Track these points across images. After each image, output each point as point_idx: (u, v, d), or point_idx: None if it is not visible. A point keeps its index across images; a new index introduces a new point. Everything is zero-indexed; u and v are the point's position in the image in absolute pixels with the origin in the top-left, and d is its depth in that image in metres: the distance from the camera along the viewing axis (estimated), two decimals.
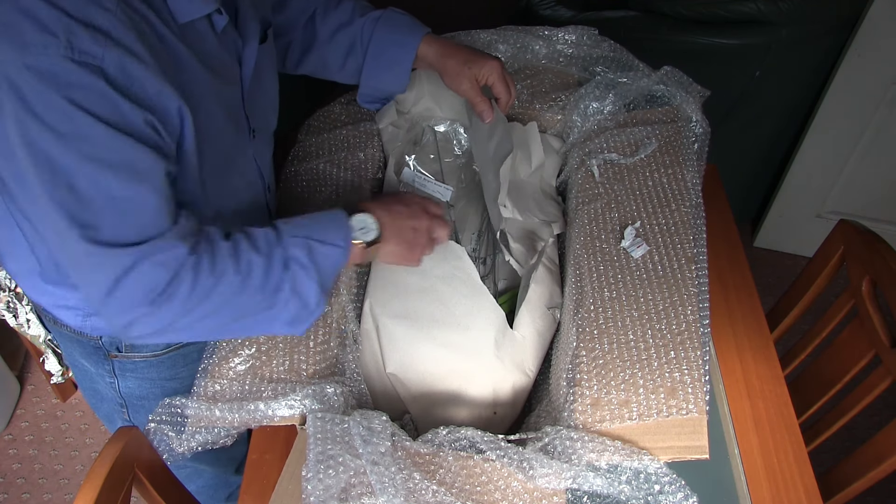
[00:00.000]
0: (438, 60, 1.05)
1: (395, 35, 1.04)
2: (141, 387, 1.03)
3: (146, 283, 0.71)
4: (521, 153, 1.14)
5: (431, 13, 1.45)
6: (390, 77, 1.07)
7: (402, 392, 0.92)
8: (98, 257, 0.70)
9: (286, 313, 0.79)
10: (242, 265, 0.76)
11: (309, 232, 0.80)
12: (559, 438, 0.78)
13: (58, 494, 1.79)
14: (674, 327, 0.86)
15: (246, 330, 0.82)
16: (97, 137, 0.66)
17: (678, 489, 0.74)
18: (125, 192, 0.69)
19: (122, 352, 0.98)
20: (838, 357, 1.20)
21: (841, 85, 1.93)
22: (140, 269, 0.71)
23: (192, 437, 0.84)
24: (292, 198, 1.05)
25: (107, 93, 0.65)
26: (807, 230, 2.26)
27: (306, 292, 0.79)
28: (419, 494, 0.73)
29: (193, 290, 0.73)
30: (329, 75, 1.10)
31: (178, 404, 0.85)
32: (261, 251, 0.77)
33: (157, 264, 0.71)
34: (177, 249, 0.72)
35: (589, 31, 1.23)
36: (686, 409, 0.79)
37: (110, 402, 1.08)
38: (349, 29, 1.05)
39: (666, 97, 1.15)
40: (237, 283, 0.75)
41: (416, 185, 1.11)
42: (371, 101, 1.13)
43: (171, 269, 0.72)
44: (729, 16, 1.79)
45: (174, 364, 1.02)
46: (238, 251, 0.77)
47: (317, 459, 0.74)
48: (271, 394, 0.84)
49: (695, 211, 0.99)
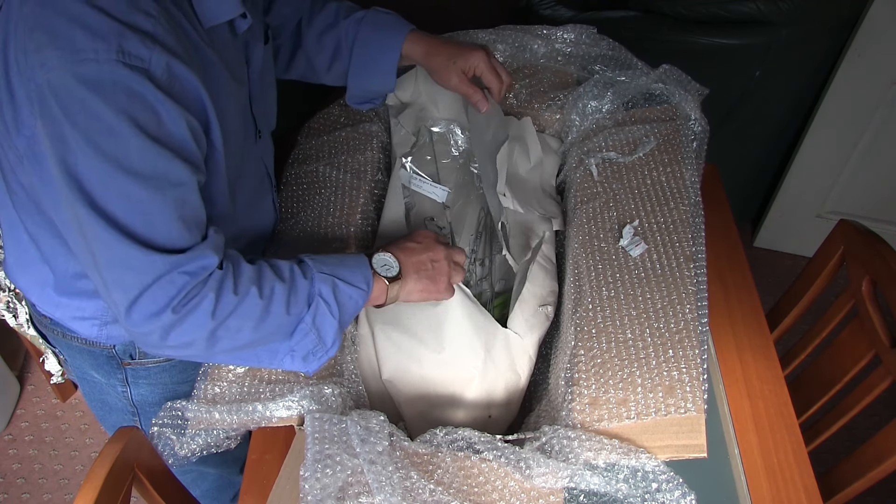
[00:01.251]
0: (424, 59, 1.06)
1: (378, 35, 1.05)
2: (153, 393, 1.03)
3: (173, 290, 0.71)
4: (518, 148, 1.14)
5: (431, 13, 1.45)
6: (376, 77, 1.08)
7: (398, 397, 0.92)
8: (134, 261, 0.70)
9: (303, 347, 0.80)
10: (265, 290, 0.76)
11: (335, 271, 0.81)
12: (556, 438, 0.78)
13: (58, 494, 1.79)
14: (672, 326, 0.86)
15: (262, 358, 0.82)
16: (135, 149, 0.67)
17: (675, 487, 0.74)
18: (156, 203, 0.69)
19: (135, 359, 0.98)
20: (838, 357, 1.20)
21: (841, 85, 1.93)
22: (170, 277, 0.71)
23: (192, 440, 0.85)
24: (293, 200, 1.06)
25: (151, 98, 0.66)
26: (807, 230, 2.26)
27: (326, 328, 0.80)
28: (416, 493, 0.74)
29: (217, 306, 0.73)
30: (317, 79, 1.11)
31: (180, 407, 0.85)
32: (285, 280, 0.78)
33: (185, 273, 0.71)
34: (206, 260, 0.73)
35: (587, 30, 1.23)
36: (684, 407, 0.79)
37: (120, 413, 1.07)
38: (334, 31, 1.05)
39: (665, 95, 1.15)
40: (261, 307, 0.76)
41: (412, 186, 1.11)
42: (360, 102, 1.13)
43: (199, 279, 0.72)
44: (729, 16, 1.79)
45: (186, 368, 1.02)
46: (262, 276, 0.77)
47: (314, 459, 0.74)
48: (269, 395, 0.84)
49: (693, 209, 0.99)
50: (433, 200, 1.10)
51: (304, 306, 0.79)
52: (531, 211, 1.06)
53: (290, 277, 0.78)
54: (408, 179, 1.11)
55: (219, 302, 0.73)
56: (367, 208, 1.05)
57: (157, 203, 0.69)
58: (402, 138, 1.14)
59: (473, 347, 0.91)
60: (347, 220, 1.02)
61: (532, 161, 1.14)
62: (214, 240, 0.75)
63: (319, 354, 0.81)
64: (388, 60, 1.06)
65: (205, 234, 0.75)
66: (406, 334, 0.93)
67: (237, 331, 0.76)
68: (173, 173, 0.70)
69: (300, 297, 0.78)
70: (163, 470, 0.99)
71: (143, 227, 0.69)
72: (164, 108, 0.67)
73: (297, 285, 0.78)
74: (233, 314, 0.74)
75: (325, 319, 0.80)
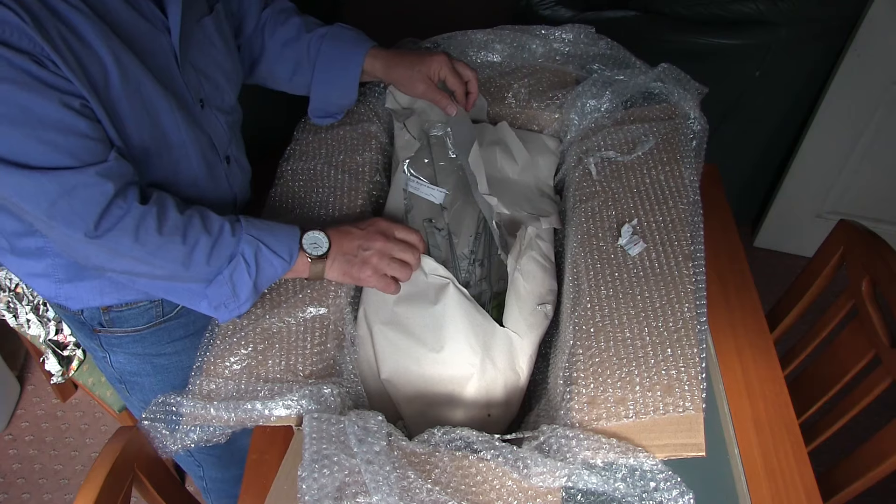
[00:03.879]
0: (387, 72, 1.07)
1: (340, 50, 1.07)
2: (131, 362, 1.08)
3: (78, 206, 0.77)
4: (501, 152, 1.14)
5: (431, 14, 1.46)
6: (338, 91, 1.10)
7: (396, 397, 0.92)
8: (28, 185, 0.75)
9: (218, 296, 0.88)
10: (190, 239, 0.84)
11: (262, 236, 0.88)
12: (555, 437, 0.77)
13: (58, 494, 1.79)
14: (671, 325, 0.86)
15: (182, 296, 0.89)
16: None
17: (673, 486, 0.74)
18: (20, 130, 0.72)
19: (104, 326, 1.02)
20: (838, 357, 1.20)
21: (841, 85, 1.93)
22: (67, 198, 0.76)
23: (186, 436, 0.85)
24: (289, 196, 1.05)
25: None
26: (807, 230, 2.26)
27: (241, 285, 0.88)
28: (413, 493, 0.73)
29: (139, 234, 0.80)
30: (278, 87, 1.13)
31: (173, 402, 0.85)
32: (211, 234, 0.85)
33: (90, 188, 0.77)
34: (102, 186, 0.77)
35: (585, 30, 1.23)
36: (683, 406, 0.79)
37: (111, 379, 1.13)
38: (296, 45, 1.08)
39: (663, 94, 1.14)
40: (183, 252, 0.84)
41: (409, 188, 1.11)
42: (322, 116, 1.14)
43: (101, 198, 0.77)
44: (729, 16, 1.79)
45: (159, 340, 1.06)
46: (189, 225, 0.84)
47: (312, 459, 0.74)
48: (268, 394, 0.84)
49: (692, 208, 0.99)
50: (431, 202, 1.10)
51: (225, 261, 0.86)
52: (519, 211, 1.07)
53: (217, 232, 0.86)
54: (405, 182, 1.11)
55: (139, 230, 0.80)
56: (366, 210, 1.05)
57: (23, 131, 0.72)
58: (406, 143, 1.14)
59: (471, 346, 0.91)
60: (345, 221, 1.02)
61: (520, 163, 1.14)
62: (111, 167, 0.78)
63: (232, 307, 0.89)
64: (349, 75, 1.08)
65: (99, 160, 0.78)
66: (404, 334, 0.93)
67: (160, 267, 0.84)
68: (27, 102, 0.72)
69: (223, 252, 0.86)
70: (163, 470, 0.99)
71: (9, 151, 0.73)
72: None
73: (222, 240, 0.86)
74: (156, 252, 0.82)
75: (242, 277, 0.87)
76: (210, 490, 1.35)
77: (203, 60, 0.92)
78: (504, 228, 1.02)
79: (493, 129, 1.19)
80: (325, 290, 0.94)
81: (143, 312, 1.01)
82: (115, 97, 0.79)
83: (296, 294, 0.93)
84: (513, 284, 0.94)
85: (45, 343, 1.55)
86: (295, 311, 0.92)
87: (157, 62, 0.84)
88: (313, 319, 0.91)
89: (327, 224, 0.96)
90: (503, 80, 1.23)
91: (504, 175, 1.13)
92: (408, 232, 0.96)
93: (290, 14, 1.09)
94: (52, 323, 1.55)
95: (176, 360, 1.09)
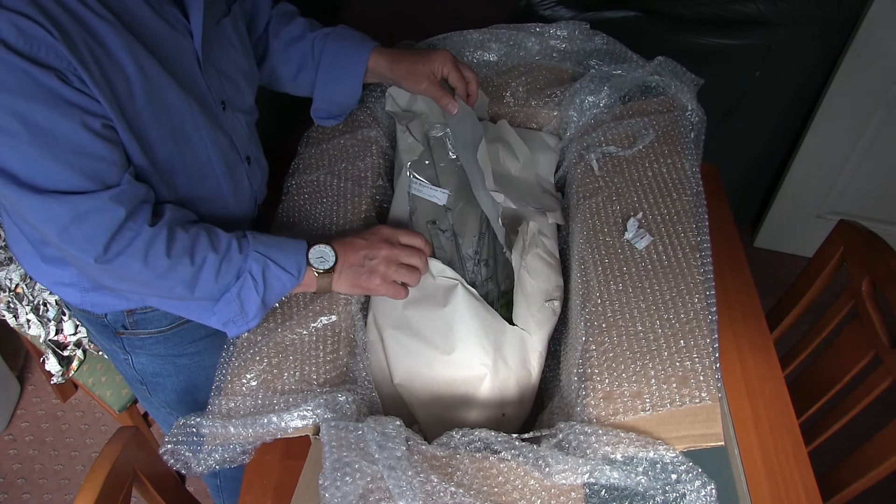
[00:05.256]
0: (391, 69, 1.07)
1: (344, 49, 1.07)
2: (153, 363, 1.07)
3: (88, 231, 0.77)
4: (503, 149, 1.14)
5: (429, 16, 1.46)
6: (342, 90, 1.10)
7: (410, 401, 0.92)
8: (41, 208, 0.75)
9: (226, 313, 0.87)
10: (198, 258, 0.83)
11: (270, 252, 0.87)
12: (573, 433, 0.77)
13: (58, 495, 1.79)
14: (682, 316, 0.86)
15: (192, 312, 0.89)
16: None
17: (695, 477, 0.74)
18: (38, 151, 0.71)
19: (128, 329, 1.02)
20: (838, 357, 1.20)
21: (841, 85, 1.93)
22: (76, 223, 0.76)
23: (209, 456, 0.84)
24: (295, 210, 1.05)
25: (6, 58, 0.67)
26: (807, 230, 2.26)
27: (249, 302, 0.87)
28: (437, 497, 0.73)
29: (148, 257, 0.80)
30: (281, 88, 1.13)
31: (194, 423, 0.85)
32: (219, 252, 0.85)
33: (92, 214, 0.76)
34: (113, 212, 0.77)
35: (580, 26, 1.23)
36: (699, 397, 0.79)
37: (131, 382, 1.13)
38: (300, 44, 1.08)
39: (661, 87, 1.14)
40: (191, 273, 0.83)
41: (412, 190, 1.11)
42: (325, 117, 1.14)
43: (111, 223, 0.77)
44: (729, 16, 1.79)
45: (181, 340, 1.06)
46: (197, 244, 0.83)
47: (333, 467, 0.73)
48: (283, 406, 0.83)
49: (695, 199, 0.99)
50: (434, 204, 1.10)
51: (233, 278, 0.86)
52: (525, 206, 1.07)
53: (224, 249, 0.85)
54: (408, 184, 1.11)
55: (148, 254, 0.80)
56: (370, 215, 1.05)
57: (42, 150, 0.71)
58: (409, 146, 1.14)
59: (483, 346, 0.90)
60: (351, 228, 1.02)
61: (521, 160, 1.14)
62: (124, 191, 0.78)
63: (240, 323, 0.88)
64: (354, 73, 1.08)
65: (112, 184, 0.77)
66: (415, 337, 0.92)
67: (168, 290, 0.84)
68: (51, 121, 0.71)
69: (231, 269, 0.85)
70: (164, 470, 0.99)
71: (25, 172, 0.72)
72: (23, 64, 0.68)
73: (230, 258, 0.85)
74: (165, 275, 0.82)
75: (249, 294, 0.86)
76: (223, 489, 1.35)
77: (224, 62, 0.92)
78: (508, 227, 1.02)
79: (494, 126, 1.19)
80: (335, 298, 0.93)
81: (166, 314, 1.01)
82: (140, 108, 0.78)
83: (307, 304, 0.93)
84: (519, 282, 0.94)
85: (45, 343, 1.55)
86: (307, 322, 0.91)
87: (180, 66, 0.83)
88: (324, 328, 0.91)
89: (333, 235, 0.96)
90: (500, 79, 1.23)
91: (506, 171, 1.13)
92: (412, 236, 0.95)
93: (293, 15, 1.10)
94: (52, 323, 1.55)
95: (198, 359, 1.09)
